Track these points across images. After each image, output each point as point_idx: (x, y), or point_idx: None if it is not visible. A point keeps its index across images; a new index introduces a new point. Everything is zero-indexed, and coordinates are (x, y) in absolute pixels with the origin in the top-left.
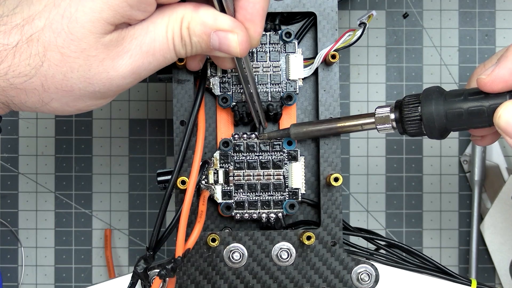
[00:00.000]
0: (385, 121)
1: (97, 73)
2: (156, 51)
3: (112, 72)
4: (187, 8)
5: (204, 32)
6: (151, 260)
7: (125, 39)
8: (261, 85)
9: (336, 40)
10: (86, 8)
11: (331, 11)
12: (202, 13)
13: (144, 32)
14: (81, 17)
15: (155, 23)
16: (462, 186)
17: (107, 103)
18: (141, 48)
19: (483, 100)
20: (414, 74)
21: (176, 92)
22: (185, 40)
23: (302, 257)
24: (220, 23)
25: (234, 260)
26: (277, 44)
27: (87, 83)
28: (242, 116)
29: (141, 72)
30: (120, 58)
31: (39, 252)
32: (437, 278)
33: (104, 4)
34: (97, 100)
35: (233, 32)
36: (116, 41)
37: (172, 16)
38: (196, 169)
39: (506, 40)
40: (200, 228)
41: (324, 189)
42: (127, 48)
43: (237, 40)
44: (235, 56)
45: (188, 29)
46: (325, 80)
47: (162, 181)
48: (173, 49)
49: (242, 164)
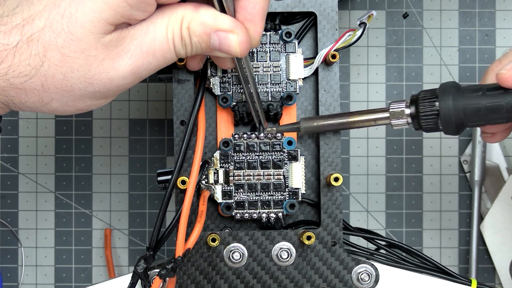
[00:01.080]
0: (400, 116)
1: (97, 73)
2: (156, 51)
3: (112, 72)
4: (187, 8)
5: (204, 32)
6: (151, 260)
7: (125, 39)
8: (261, 85)
9: (336, 40)
10: (86, 8)
11: (331, 11)
12: (203, 13)
13: (144, 32)
14: (81, 17)
15: (155, 23)
16: (462, 186)
17: (107, 103)
18: (141, 48)
19: (501, 96)
20: (414, 74)
21: (177, 92)
22: (185, 40)
23: (302, 257)
24: (220, 23)
25: (234, 260)
26: (277, 44)
27: (87, 83)
28: (242, 116)
29: (141, 72)
30: (120, 58)
31: (39, 252)
32: (437, 278)
33: (104, 4)
34: (97, 100)
35: (233, 32)
36: (116, 41)
37: (172, 16)
38: (196, 169)
39: (506, 40)
40: (200, 228)
41: (324, 189)
42: (127, 48)
43: (237, 40)
44: (235, 56)
45: (188, 29)
46: (325, 80)
47: (162, 181)
48: (173, 49)
49: (242, 164)
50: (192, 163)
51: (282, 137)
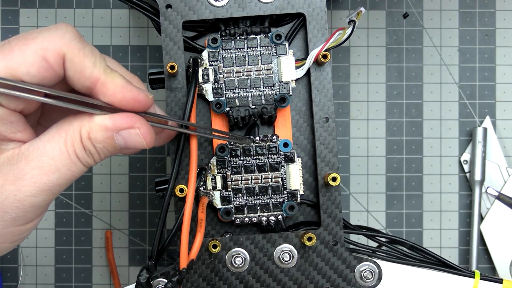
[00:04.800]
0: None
1: (5, 199)
2: (60, 168)
3: (19, 194)
4: (82, 118)
5: (106, 137)
6: (153, 269)
7: (20, 161)
8: (254, 88)
9: (327, 39)
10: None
11: (320, 11)
12: (98, 119)
13: (40, 153)
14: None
15: (52, 141)
16: (462, 186)
17: (39, 222)
18: (42, 168)
19: None
20: (414, 74)
21: (169, 100)
22: (90, 149)
23: (304, 258)
24: (118, 122)
25: (237, 265)
26: (268, 47)
27: (1, 212)
28: (236, 121)
29: (52, 188)
30: (20, 180)
31: (39, 252)
32: (441, 272)
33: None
34: (24, 224)
35: (133, 127)
36: (9, 164)
37: (69, 130)
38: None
39: (506, 40)
40: (201, 238)
41: (322, 189)
42: (24, 170)
43: (140, 133)
44: (144, 149)
45: (89, 139)
46: (318, 80)
47: (161, 190)
48: (78, 161)
49: (240, 168)
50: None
51: (277, 139)
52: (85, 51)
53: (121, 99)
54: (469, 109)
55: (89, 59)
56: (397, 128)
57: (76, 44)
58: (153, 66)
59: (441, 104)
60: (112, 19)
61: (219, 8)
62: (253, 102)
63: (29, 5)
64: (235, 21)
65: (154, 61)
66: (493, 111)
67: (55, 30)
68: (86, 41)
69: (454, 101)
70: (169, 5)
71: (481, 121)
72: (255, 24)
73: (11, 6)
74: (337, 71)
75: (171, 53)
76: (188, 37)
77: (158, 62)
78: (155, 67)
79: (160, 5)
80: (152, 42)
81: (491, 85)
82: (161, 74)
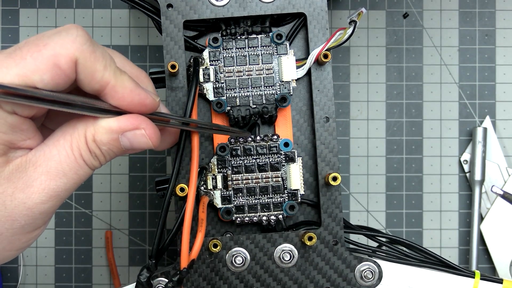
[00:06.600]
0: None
1: (15, 207)
2: (67, 172)
3: (28, 202)
4: (87, 121)
5: (112, 139)
6: (153, 268)
7: (28, 168)
8: (255, 87)
9: (328, 39)
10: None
11: (321, 11)
12: (103, 121)
13: (47, 158)
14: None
15: (57, 145)
16: (462, 186)
17: (45, 228)
18: (49, 174)
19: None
20: (414, 74)
21: (170, 100)
22: (95, 152)
23: (305, 258)
24: (123, 124)
25: (237, 265)
26: (269, 47)
27: (11, 220)
28: (237, 120)
29: (60, 194)
30: (30, 187)
31: (39, 252)
32: (441, 271)
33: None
34: (32, 232)
35: (139, 128)
36: (18, 172)
37: (74, 134)
38: (194, 178)
39: (506, 40)
40: (202, 238)
41: (323, 189)
42: (33, 177)
43: (146, 134)
44: (151, 149)
45: (94, 141)
46: (319, 80)
47: (161, 189)
48: (85, 165)
49: (240, 168)
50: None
51: (278, 139)
52: (96, 54)
53: (129, 103)
54: (469, 109)
55: (100, 62)
56: (397, 128)
57: (87, 48)
58: (153, 66)
59: (441, 104)
60: (112, 19)
61: (220, 7)
62: (253, 101)
63: (29, 5)
64: (236, 20)
65: (154, 61)
66: (493, 111)
67: (66, 34)
68: (96, 42)
69: (454, 101)
70: (170, 4)
71: (481, 121)
72: (256, 24)
73: (11, 6)
74: (337, 71)
75: (172, 53)
76: (189, 37)
77: (158, 62)
78: (155, 67)
79: (161, 4)
80: (152, 42)
81: (491, 85)
82: (162, 74)
